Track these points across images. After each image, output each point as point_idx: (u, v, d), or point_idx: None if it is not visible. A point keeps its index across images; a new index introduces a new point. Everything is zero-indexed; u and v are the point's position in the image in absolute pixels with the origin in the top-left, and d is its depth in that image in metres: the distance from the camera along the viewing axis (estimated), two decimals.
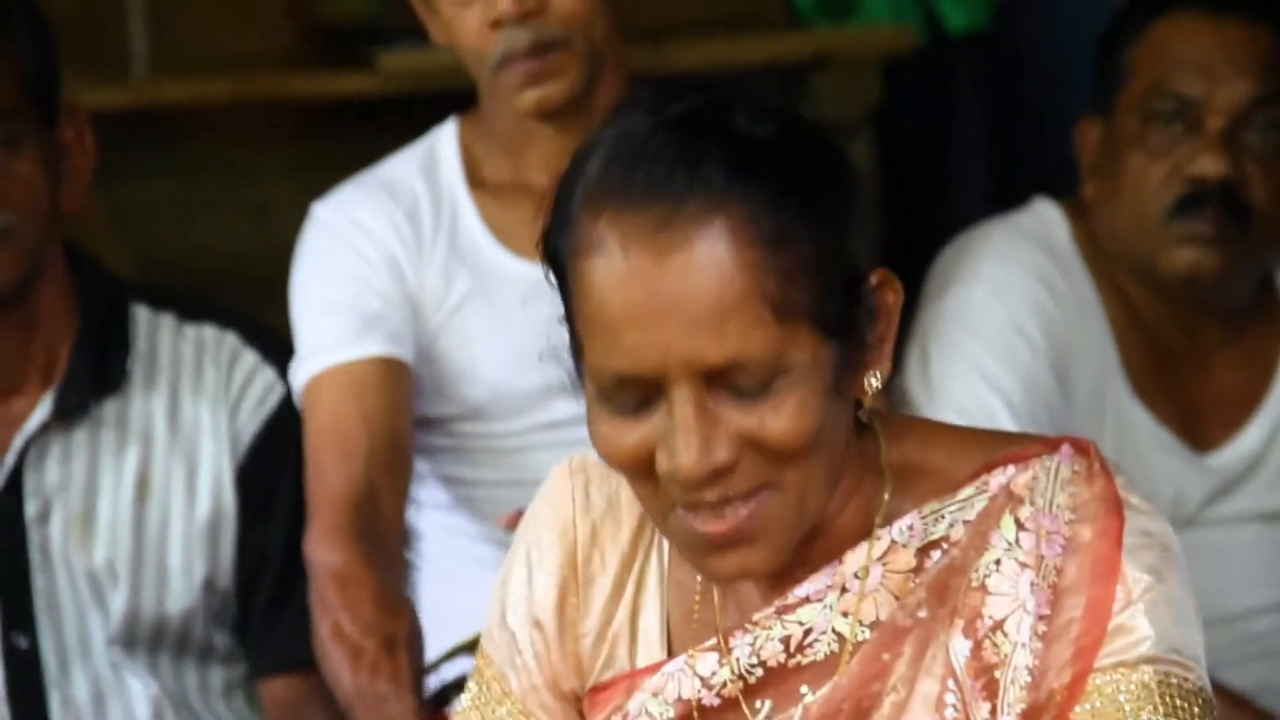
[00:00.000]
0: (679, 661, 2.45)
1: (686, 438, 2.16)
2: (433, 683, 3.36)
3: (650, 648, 2.50)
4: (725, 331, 2.15)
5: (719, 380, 2.17)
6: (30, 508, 3.40)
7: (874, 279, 2.28)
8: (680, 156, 2.18)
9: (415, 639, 3.23)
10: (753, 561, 2.28)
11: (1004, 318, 3.33)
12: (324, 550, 3.23)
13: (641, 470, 2.24)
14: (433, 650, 3.36)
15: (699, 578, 2.45)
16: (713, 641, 2.42)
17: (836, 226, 2.25)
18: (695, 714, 2.43)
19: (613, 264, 2.18)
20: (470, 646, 3.01)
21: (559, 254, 2.25)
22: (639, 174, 2.18)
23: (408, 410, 3.40)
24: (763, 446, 2.19)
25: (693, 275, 2.16)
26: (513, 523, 2.82)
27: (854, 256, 2.28)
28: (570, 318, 2.27)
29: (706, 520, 2.22)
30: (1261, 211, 3.29)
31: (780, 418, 2.17)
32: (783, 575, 2.38)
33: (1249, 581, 3.31)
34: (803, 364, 2.19)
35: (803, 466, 2.24)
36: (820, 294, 2.19)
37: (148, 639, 3.41)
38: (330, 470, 3.30)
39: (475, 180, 3.49)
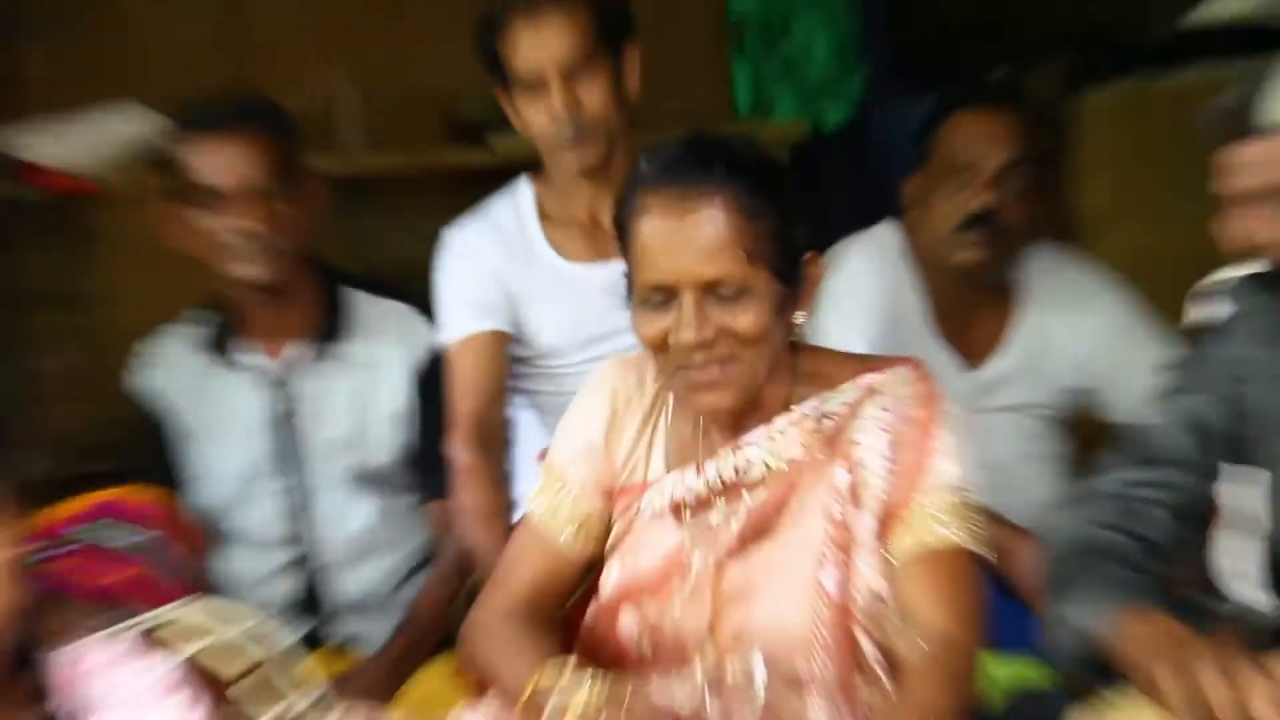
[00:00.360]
0: (673, 476, 2.63)
1: (688, 322, 2.43)
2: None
3: (656, 469, 2.68)
4: (716, 261, 2.42)
5: (709, 289, 2.43)
6: (293, 406, 3.52)
7: (807, 256, 2.56)
8: (697, 160, 2.49)
9: (508, 507, 3.38)
10: (722, 400, 2.51)
11: (860, 292, 3.45)
12: (457, 452, 3.36)
13: (660, 345, 2.50)
14: (520, 491, 3.50)
15: (689, 429, 2.67)
16: (693, 465, 2.62)
17: (786, 217, 2.51)
18: (682, 508, 2.61)
19: (653, 219, 2.46)
20: None
21: (623, 218, 2.52)
22: (672, 169, 2.49)
23: (505, 360, 3.50)
24: (732, 333, 2.45)
25: (699, 227, 2.43)
26: (543, 456, 2.97)
27: (796, 239, 2.53)
28: (625, 255, 2.54)
29: (696, 373, 2.48)
30: (1013, 229, 3.38)
31: (745, 316, 2.45)
32: (737, 430, 2.61)
33: (1007, 445, 3.43)
34: (761, 289, 2.45)
35: (754, 349, 2.48)
36: (774, 253, 2.47)
37: (368, 478, 3.54)
38: (460, 403, 3.41)
39: (542, 215, 3.57)
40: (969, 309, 3.54)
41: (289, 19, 5.34)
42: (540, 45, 3.35)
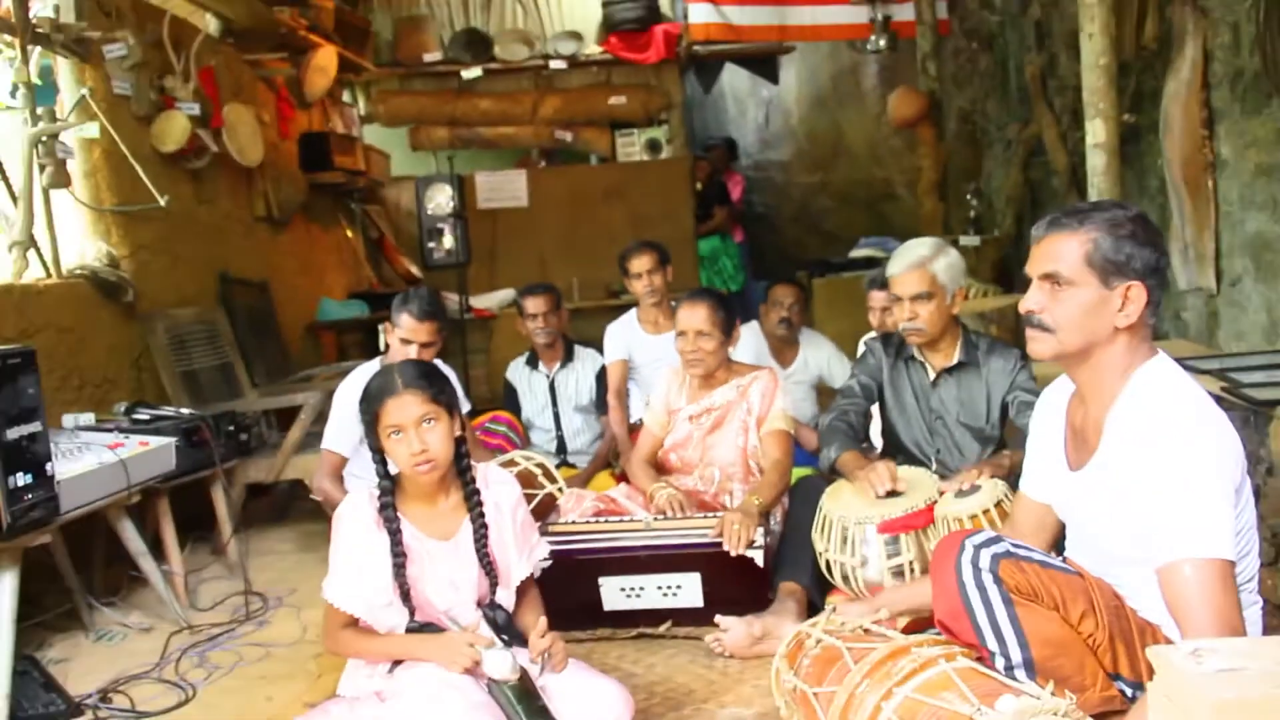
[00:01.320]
0: (689, 405, 2.38)
1: (688, 343, 2.25)
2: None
3: (683, 402, 2.40)
4: (701, 324, 2.23)
5: (698, 334, 2.24)
6: (555, 385, 3.22)
7: (735, 326, 2.32)
8: (699, 292, 2.31)
9: (627, 418, 3.07)
10: (699, 372, 2.29)
11: (745, 343, 3.05)
12: (610, 401, 3.08)
13: (682, 352, 2.28)
14: (633, 413, 3.18)
15: (694, 390, 2.38)
16: (696, 401, 2.37)
17: (728, 311, 2.27)
18: (692, 417, 2.37)
19: (682, 310, 2.26)
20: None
21: (676, 312, 2.29)
22: (690, 298, 2.28)
23: (626, 369, 3.16)
24: (704, 349, 2.24)
25: (698, 313, 2.24)
26: (645, 404, 2.65)
27: (730, 319, 2.28)
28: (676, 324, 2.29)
29: (690, 361, 2.27)
30: (795, 323, 3.17)
31: (709, 344, 2.24)
32: (709, 389, 2.34)
33: (799, 395, 3.14)
34: (717, 335, 2.25)
35: (712, 356, 2.26)
36: (723, 323, 2.25)
37: (580, 408, 3.21)
38: (610, 382, 3.12)
39: (638, 318, 3.23)
40: (782, 349, 3.24)
41: (558, 257, 5.11)
42: (639, 266, 3.07)
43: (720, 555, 2.00)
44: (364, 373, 2.51)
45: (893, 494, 1.96)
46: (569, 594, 1.98)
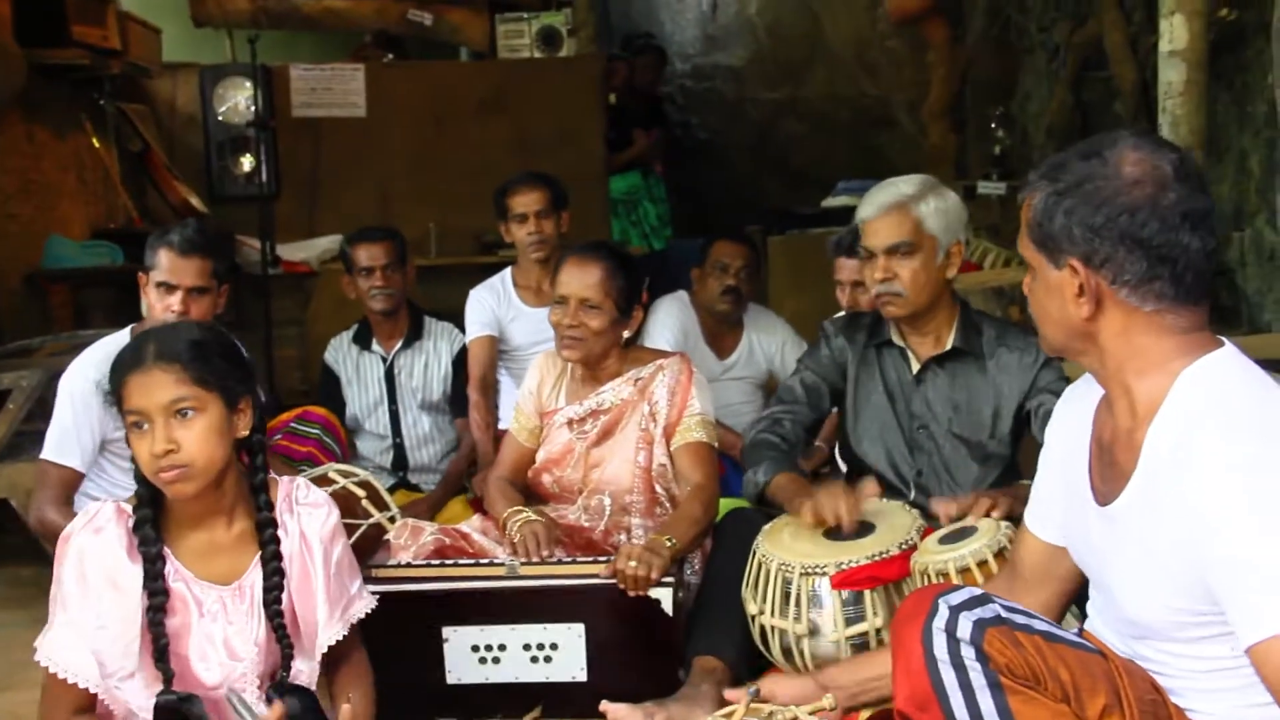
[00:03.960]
0: (569, 406, 2.44)
1: (567, 314, 2.31)
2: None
3: (561, 402, 2.46)
4: (590, 292, 2.29)
5: (582, 303, 2.30)
6: (395, 371, 3.27)
7: (637, 306, 2.39)
8: (593, 247, 2.39)
9: (495, 421, 3.12)
10: (573, 356, 2.36)
11: (668, 321, 3.22)
12: (471, 393, 3.14)
13: (557, 325, 2.33)
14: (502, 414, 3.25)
15: (577, 384, 2.45)
16: (578, 401, 2.42)
17: (630, 281, 2.35)
18: (572, 422, 2.42)
19: (566, 267, 2.34)
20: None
21: (557, 271, 2.37)
22: (578, 252, 2.36)
23: (495, 350, 3.24)
24: (586, 325, 2.30)
25: (587, 276, 2.31)
26: None
27: (633, 295, 2.36)
28: (553, 284, 2.37)
29: (565, 339, 2.33)
30: (744, 295, 3.27)
31: (594, 322, 2.30)
32: (598, 385, 2.42)
33: (737, 396, 3.29)
34: (608, 311, 2.31)
35: (593, 338, 2.32)
36: (619, 297, 2.32)
37: (429, 405, 3.29)
38: (473, 370, 3.18)
39: (515, 283, 3.32)
40: (721, 332, 3.35)
41: (408, 194, 5.07)
42: (526, 204, 3.20)
43: (613, 598, 2.00)
44: (108, 349, 2.40)
45: (848, 531, 1.98)
46: (398, 654, 1.97)
